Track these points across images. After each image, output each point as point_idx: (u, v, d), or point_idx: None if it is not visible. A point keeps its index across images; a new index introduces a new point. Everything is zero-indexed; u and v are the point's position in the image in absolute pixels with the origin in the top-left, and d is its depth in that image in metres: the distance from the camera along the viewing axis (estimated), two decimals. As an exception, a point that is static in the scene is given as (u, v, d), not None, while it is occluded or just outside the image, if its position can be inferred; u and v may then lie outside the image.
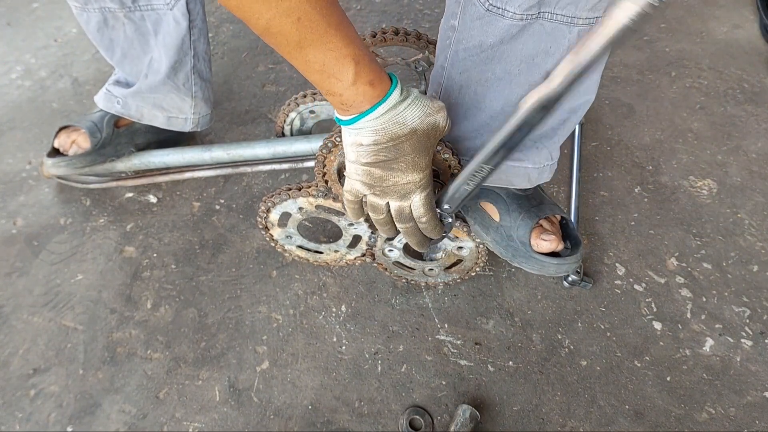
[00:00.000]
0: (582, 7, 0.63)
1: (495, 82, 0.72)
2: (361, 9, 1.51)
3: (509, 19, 0.65)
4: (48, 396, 0.86)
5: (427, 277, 0.93)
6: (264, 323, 0.92)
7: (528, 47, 0.68)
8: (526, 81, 0.71)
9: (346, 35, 0.56)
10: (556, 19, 0.65)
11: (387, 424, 0.82)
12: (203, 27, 1.00)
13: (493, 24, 0.67)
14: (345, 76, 0.58)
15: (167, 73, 0.99)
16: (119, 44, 0.98)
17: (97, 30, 0.96)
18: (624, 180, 1.11)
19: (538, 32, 0.67)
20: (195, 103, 1.06)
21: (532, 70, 0.70)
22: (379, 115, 0.61)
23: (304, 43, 0.55)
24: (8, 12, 1.55)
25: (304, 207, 0.83)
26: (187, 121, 1.08)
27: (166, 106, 1.05)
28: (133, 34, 0.97)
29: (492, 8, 0.65)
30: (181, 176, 1.10)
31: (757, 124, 1.20)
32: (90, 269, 1.00)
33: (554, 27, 0.66)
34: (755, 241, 1.01)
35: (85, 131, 1.04)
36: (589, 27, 0.66)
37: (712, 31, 1.42)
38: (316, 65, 0.57)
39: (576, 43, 0.66)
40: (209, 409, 0.84)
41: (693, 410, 0.82)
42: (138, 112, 1.05)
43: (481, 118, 0.77)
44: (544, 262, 0.83)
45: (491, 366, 0.87)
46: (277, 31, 0.53)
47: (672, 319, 0.91)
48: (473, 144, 0.79)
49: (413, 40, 0.92)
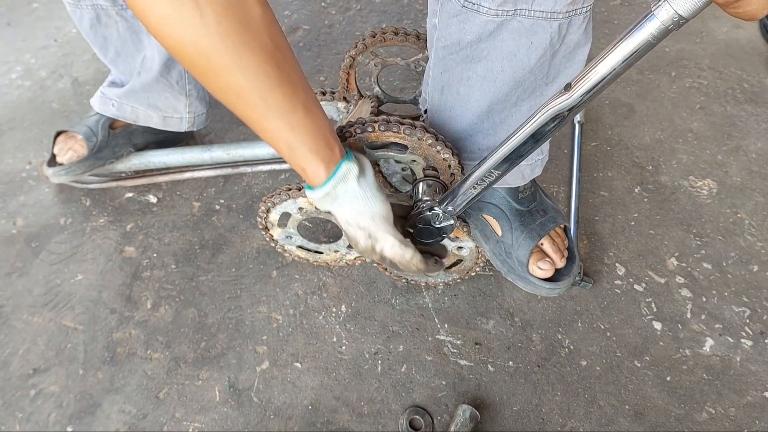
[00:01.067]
0: (560, 2, 0.62)
1: (478, 80, 0.72)
2: (361, 9, 1.51)
3: (485, 15, 0.64)
4: (48, 396, 0.86)
5: (427, 277, 0.93)
6: (264, 323, 0.92)
7: (508, 44, 0.67)
8: (510, 78, 0.70)
9: (287, 123, 0.58)
10: (534, 15, 0.64)
11: (387, 424, 0.82)
12: None
13: (470, 20, 0.66)
14: (281, 153, 0.62)
15: (160, 71, 0.99)
16: (112, 42, 0.98)
17: (90, 27, 0.96)
18: (624, 180, 1.11)
19: (516, 29, 0.66)
20: (189, 101, 1.05)
21: (515, 66, 0.69)
22: (316, 201, 0.67)
23: (245, 117, 0.58)
24: (8, 12, 1.55)
25: (305, 207, 0.83)
26: (182, 120, 1.07)
27: (160, 105, 1.04)
28: (125, 31, 0.96)
29: (467, 3, 0.65)
30: (181, 176, 1.10)
31: (757, 124, 1.20)
32: (90, 269, 1.00)
33: (533, 23, 0.65)
34: (755, 241, 1.01)
35: (81, 137, 1.04)
36: (569, 19, 0.65)
37: (712, 31, 1.42)
38: (261, 135, 0.61)
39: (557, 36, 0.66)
40: (209, 409, 0.84)
41: (693, 410, 0.82)
42: (133, 114, 1.05)
43: (468, 118, 0.76)
44: (537, 284, 0.83)
45: (491, 366, 0.87)
46: (223, 99, 0.56)
47: (672, 319, 0.91)
48: (464, 144, 0.79)
49: (413, 40, 0.92)
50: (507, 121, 0.76)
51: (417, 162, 0.77)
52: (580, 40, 0.69)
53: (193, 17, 0.48)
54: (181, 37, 0.49)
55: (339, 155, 0.65)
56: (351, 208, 0.68)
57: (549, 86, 0.73)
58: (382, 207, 0.69)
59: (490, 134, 0.77)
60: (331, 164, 0.64)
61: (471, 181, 0.70)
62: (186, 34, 0.49)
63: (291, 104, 0.57)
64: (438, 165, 0.76)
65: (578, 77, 0.55)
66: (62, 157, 1.05)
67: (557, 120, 0.59)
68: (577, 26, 0.67)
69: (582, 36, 0.69)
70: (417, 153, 0.73)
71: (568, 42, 0.68)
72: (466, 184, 0.71)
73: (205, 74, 0.53)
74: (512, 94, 0.72)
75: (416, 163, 0.77)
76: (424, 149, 0.72)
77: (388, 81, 1.30)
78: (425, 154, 0.73)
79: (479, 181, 0.70)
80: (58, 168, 1.04)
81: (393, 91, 1.28)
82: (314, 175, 0.64)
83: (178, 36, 0.49)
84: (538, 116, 0.60)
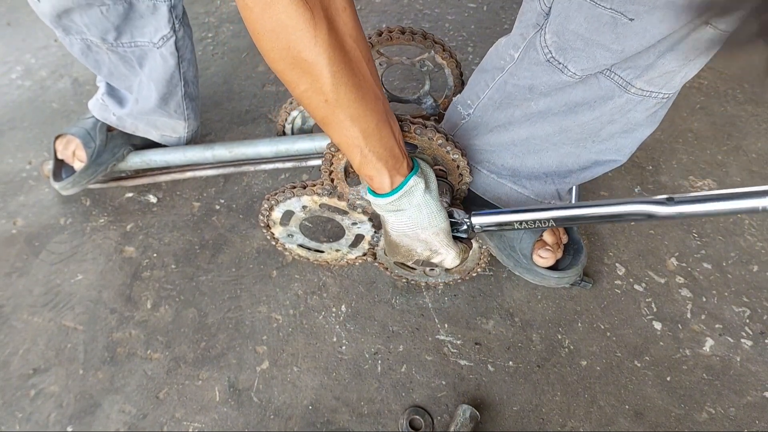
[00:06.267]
0: (640, 77, 0.63)
1: (534, 113, 0.73)
2: (361, 9, 1.51)
3: (568, 77, 0.65)
4: (48, 396, 0.86)
5: (428, 277, 0.93)
6: (264, 323, 0.92)
7: (577, 95, 0.68)
8: (560, 122, 0.71)
9: (363, 129, 0.59)
10: (613, 78, 0.64)
11: (387, 424, 0.82)
12: (192, 56, 0.99)
13: (550, 75, 0.67)
14: (353, 160, 0.63)
15: (157, 104, 0.99)
16: (105, 65, 0.97)
17: (81, 53, 0.95)
18: (624, 180, 1.11)
19: (591, 83, 0.66)
20: (188, 123, 1.07)
21: (569, 115, 0.70)
22: (376, 205, 0.68)
23: (325, 121, 0.59)
24: (8, 12, 1.55)
25: (308, 205, 0.83)
26: (180, 139, 1.09)
27: (159, 126, 1.05)
28: (118, 61, 0.96)
29: (553, 60, 0.65)
30: (182, 175, 1.10)
31: (757, 124, 1.20)
32: (90, 269, 1.00)
33: (608, 85, 0.65)
34: (755, 241, 1.01)
35: (80, 141, 1.03)
36: (641, 99, 0.65)
37: (712, 31, 1.42)
38: (335, 140, 0.62)
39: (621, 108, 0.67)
40: (209, 409, 0.84)
41: (693, 410, 0.82)
42: (133, 126, 1.05)
43: (504, 139, 0.77)
44: (544, 275, 0.84)
45: (491, 366, 0.87)
46: (308, 104, 0.57)
47: (672, 319, 0.91)
48: (490, 156, 0.80)
49: (420, 40, 0.92)
50: (540, 153, 0.77)
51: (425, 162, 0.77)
52: (644, 121, 0.70)
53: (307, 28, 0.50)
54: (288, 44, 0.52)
55: (407, 169, 0.66)
56: (412, 221, 0.68)
57: (595, 144, 0.74)
58: (444, 222, 0.70)
59: (518, 157, 0.79)
60: (398, 176, 0.65)
61: (522, 216, 0.70)
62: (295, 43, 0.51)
63: (368, 112, 0.59)
64: (447, 165, 0.76)
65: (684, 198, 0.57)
66: (68, 161, 1.05)
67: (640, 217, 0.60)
68: (645, 107, 0.67)
69: (647, 119, 0.69)
70: (427, 153, 0.73)
71: (631, 118, 0.69)
72: (514, 216, 0.71)
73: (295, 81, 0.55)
74: (555, 135, 0.74)
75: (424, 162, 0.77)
76: (434, 149, 0.72)
77: (388, 81, 1.30)
78: (434, 154, 0.73)
79: (530, 222, 0.70)
80: (64, 182, 1.03)
81: (393, 90, 1.28)
82: (380, 184, 0.65)
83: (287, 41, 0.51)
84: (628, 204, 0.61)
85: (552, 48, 0.64)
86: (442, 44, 0.93)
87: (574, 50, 0.62)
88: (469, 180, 0.77)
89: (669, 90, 0.65)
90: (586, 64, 0.63)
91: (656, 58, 0.60)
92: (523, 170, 0.79)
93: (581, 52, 0.62)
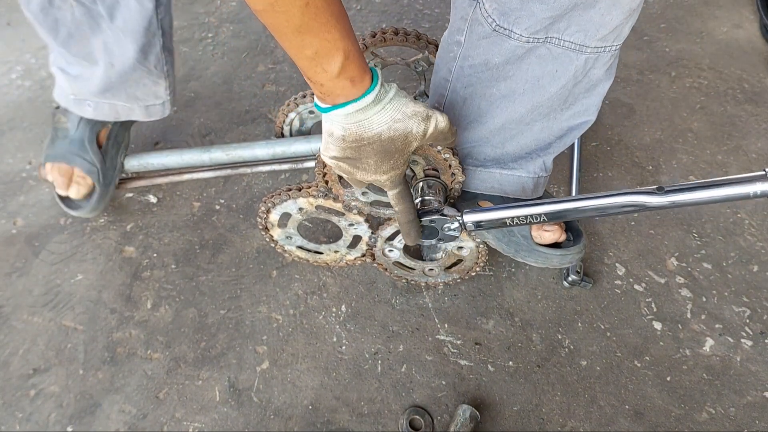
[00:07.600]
0: (591, 36, 0.64)
1: (499, 99, 0.74)
2: (361, 9, 1.51)
3: (516, 41, 0.66)
4: (48, 396, 0.86)
5: (427, 277, 0.93)
6: (264, 323, 0.93)
7: (534, 69, 0.69)
8: (530, 100, 0.72)
9: (343, 27, 0.56)
10: (564, 45, 0.66)
11: (387, 424, 0.82)
12: (168, 1, 0.91)
13: (500, 44, 0.68)
14: (332, 68, 0.58)
15: (136, 58, 0.91)
16: (65, 24, 0.88)
17: (40, 10, 0.86)
18: (624, 180, 1.11)
19: (544, 55, 0.68)
20: (169, 83, 0.99)
21: (536, 90, 0.71)
22: (348, 113, 0.62)
23: (304, 28, 0.55)
24: (8, 12, 1.55)
25: (305, 207, 0.83)
26: (165, 105, 1.02)
27: (140, 95, 0.98)
28: (82, 16, 0.88)
29: (499, 29, 0.66)
30: (180, 178, 1.10)
31: (757, 124, 1.20)
32: (90, 269, 1.00)
33: (561, 52, 0.67)
34: (755, 241, 1.01)
35: (78, 168, 0.99)
36: (597, 55, 0.67)
37: (712, 31, 1.42)
38: (309, 52, 0.57)
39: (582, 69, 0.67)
40: (209, 409, 0.84)
41: (693, 410, 0.82)
42: (112, 111, 0.99)
43: (481, 132, 0.78)
44: (547, 254, 0.82)
45: (491, 366, 0.87)
46: (282, 11, 0.53)
47: (672, 319, 0.91)
48: (471, 151, 0.81)
49: (413, 40, 0.92)
50: (517, 137, 0.78)
51: (417, 162, 0.77)
52: (603, 76, 0.71)
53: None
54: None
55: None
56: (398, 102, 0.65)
57: (563, 112, 0.76)
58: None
59: (498, 147, 0.79)
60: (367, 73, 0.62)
61: (514, 213, 0.70)
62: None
63: (345, 12, 0.57)
64: (439, 165, 0.76)
65: (675, 188, 0.57)
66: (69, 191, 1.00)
67: (633, 208, 0.60)
68: (603, 63, 0.69)
69: (605, 73, 0.71)
70: (418, 153, 0.73)
71: (591, 76, 0.70)
72: (506, 212, 0.71)
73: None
74: (528, 115, 0.75)
75: (416, 163, 0.77)
76: (425, 149, 0.72)
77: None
78: (426, 155, 0.73)
79: (522, 218, 0.70)
80: (81, 210, 1.01)
81: (393, 91, 1.28)
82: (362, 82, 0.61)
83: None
84: (619, 196, 0.61)
85: (494, 15, 0.66)
86: (436, 44, 0.93)
87: (514, 11, 0.64)
88: (462, 179, 0.77)
89: (620, 41, 0.67)
90: (527, 21, 0.64)
91: (601, 16, 0.62)
92: (506, 157, 0.81)
93: (520, 11, 0.63)
